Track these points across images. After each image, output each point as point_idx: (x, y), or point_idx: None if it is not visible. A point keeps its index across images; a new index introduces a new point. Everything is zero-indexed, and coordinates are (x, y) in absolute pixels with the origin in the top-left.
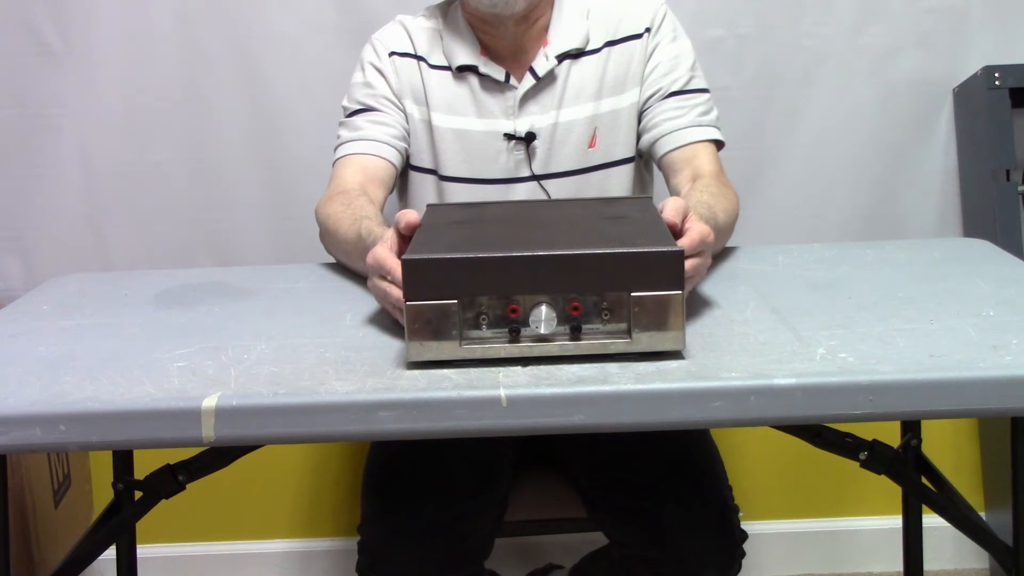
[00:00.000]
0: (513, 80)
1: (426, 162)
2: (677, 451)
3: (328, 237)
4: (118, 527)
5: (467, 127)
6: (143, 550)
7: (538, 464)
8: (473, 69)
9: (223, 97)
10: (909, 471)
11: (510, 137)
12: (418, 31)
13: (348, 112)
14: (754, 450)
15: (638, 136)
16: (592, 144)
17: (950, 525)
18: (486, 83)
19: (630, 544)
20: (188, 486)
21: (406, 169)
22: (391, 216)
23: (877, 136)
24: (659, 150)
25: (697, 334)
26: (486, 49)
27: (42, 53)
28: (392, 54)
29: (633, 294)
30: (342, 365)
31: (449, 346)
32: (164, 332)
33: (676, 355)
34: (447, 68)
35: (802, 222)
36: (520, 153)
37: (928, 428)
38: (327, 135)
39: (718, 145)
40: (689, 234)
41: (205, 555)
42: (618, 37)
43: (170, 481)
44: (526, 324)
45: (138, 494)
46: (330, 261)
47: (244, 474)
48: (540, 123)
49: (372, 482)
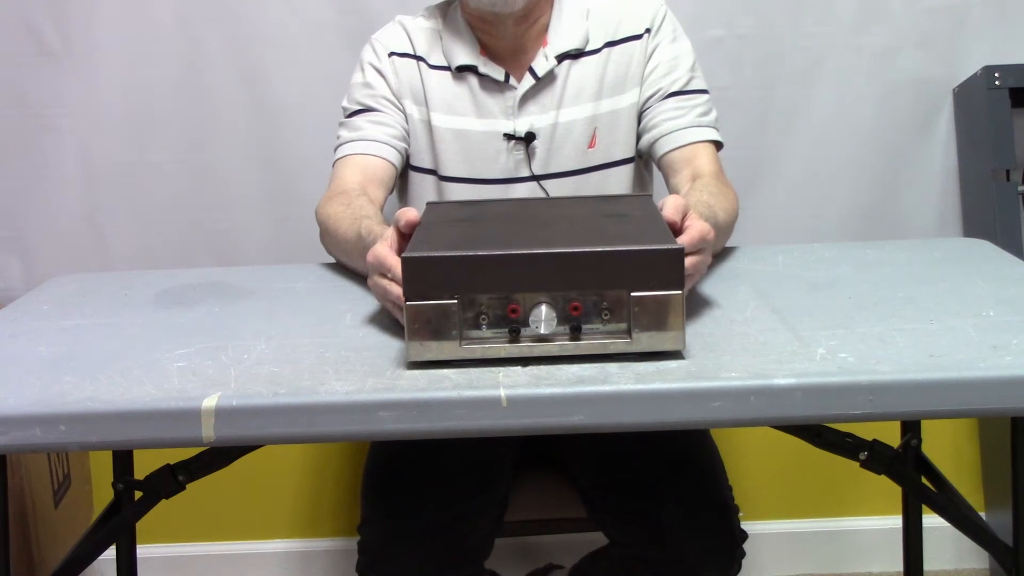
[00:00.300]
0: (513, 80)
1: (426, 162)
2: (677, 451)
3: (328, 237)
4: (118, 527)
5: (467, 127)
6: (143, 550)
7: (538, 464)
8: (473, 69)
9: (223, 97)
10: (909, 471)
11: (510, 137)
12: (417, 31)
13: (348, 112)
14: (754, 450)
15: (638, 136)
16: (592, 144)
17: (950, 525)
18: (486, 83)
19: (630, 544)
20: (188, 486)
21: (406, 169)
22: (391, 216)
23: (877, 136)
24: (659, 150)
25: (697, 334)
26: (485, 49)
27: (42, 53)
28: (392, 54)
29: (633, 294)
30: (342, 365)
31: (449, 346)
32: (164, 332)
33: (676, 355)
34: (447, 68)
35: (802, 222)
36: (520, 153)
37: (928, 428)
38: (327, 135)
39: (717, 146)
40: (689, 232)
41: (205, 555)
42: (618, 38)
43: (170, 481)
44: (526, 324)
45: (138, 494)
46: (330, 261)
47: (244, 474)
48: (540, 123)
49: (372, 482)
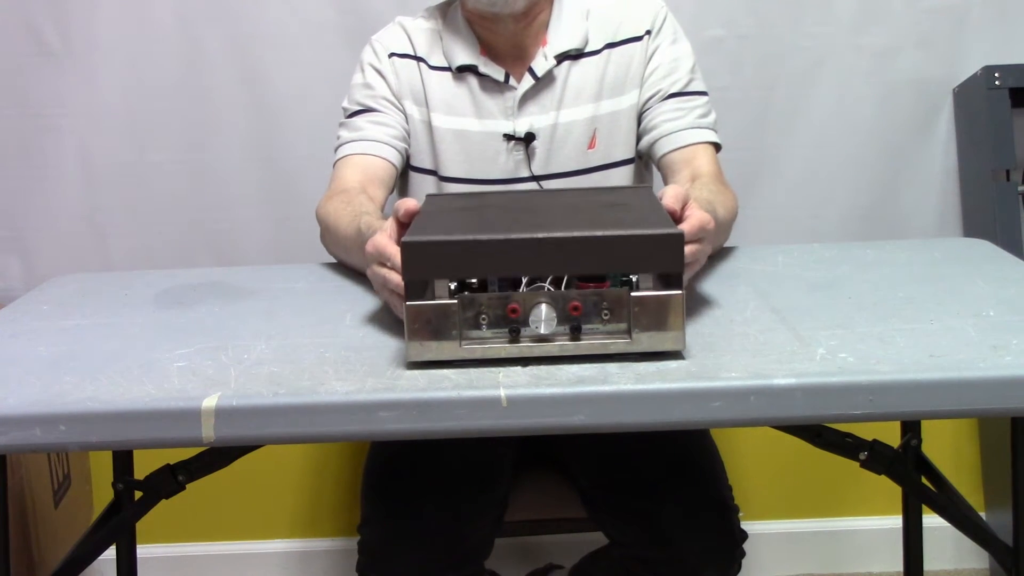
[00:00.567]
0: (512, 80)
1: (426, 163)
2: (677, 451)
3: (328, 234)
4: (118, 527)
5: (467, 128)
6: (143, 550)
7: (538, 464)
8: (473, 69)
9: (223, 97)
10: (909, 471)
11: (509, 138)
12: (417, 32)
13: (348, 113)
14: (754, 450)
15: (638, 138)
16: (592, 145)
17: (950, 525)
18: (485, 83)
19: (630, 544)
20: (188, 486)
21: (406, 170)
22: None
23: (877, 136)
24: (658, 151)
25: (697, 334)
26: (486, 49)
27: (42, 53)
28: (392, 55)
29: (633, 294)
30: (342, 365)
31: (449, 346)
32: (164, 332)
33: (676, 355)
34: (447, 69)
35: (802, 222)
36: (519, 154)
37: (928, 428)
38: (327, 135)
39: (716, 148)
40: (689, 220)
41: (205, 555)
42: (618, 39)
43: (170, 481)
44: (526, 324)
45: (138, 494)
46: (330, 261)
47: (244, 474)
48: (539, 124)
49: (372, 482)
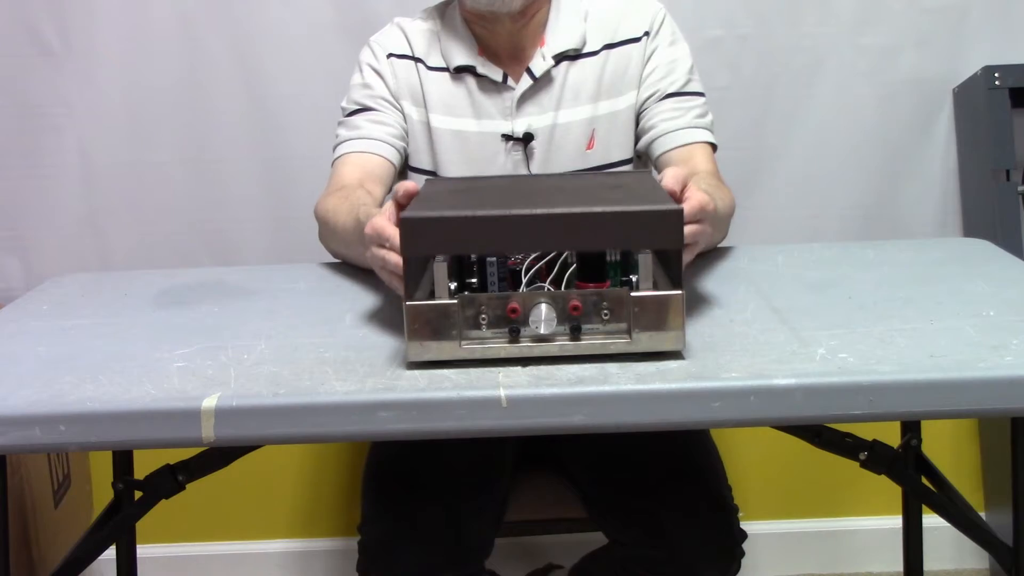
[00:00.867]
0: (511, 81)
1: (425, 163)
2: (677, 451)
3: (327, 230)
4: (118, 527)
5: (465, 128)
6: (143, 550)
7: (538, 464)
8: (471, 70)
9: (223, 97)
10: (909, 471)
11: (508, 138)
12: (415, 33)
13: (347, 112)
14: (754, 450)
15: (636, 138)
16: (590, 146)
17: (950, 525)
18: (484, 84)
19: (630, 544)
20: (188, 486)
21: (405, 170)
22: None
23: (877, 136)
24: (656, 150)
25: (697, 334)
26: (484, 49)
27: (42, 53)
28: (390, 56)
29: (633, 294)
30: (342, 365)
31: (449, 346)
32: (164, 332)
33: (676, 355)
34: (445, 69)
35: (802, 222)
36: (518, 154)
37: (928, 428)
38: (326, 135)
39: (713, 149)
40: (689, 201)
41: (205, 555)
42: (617, 40)
43: (170, 481)
44: (526, 324)
45: (138, 494)
46: (330, 261)
47: (244, 474)
48: (538, 124)
49: (372, 482)
